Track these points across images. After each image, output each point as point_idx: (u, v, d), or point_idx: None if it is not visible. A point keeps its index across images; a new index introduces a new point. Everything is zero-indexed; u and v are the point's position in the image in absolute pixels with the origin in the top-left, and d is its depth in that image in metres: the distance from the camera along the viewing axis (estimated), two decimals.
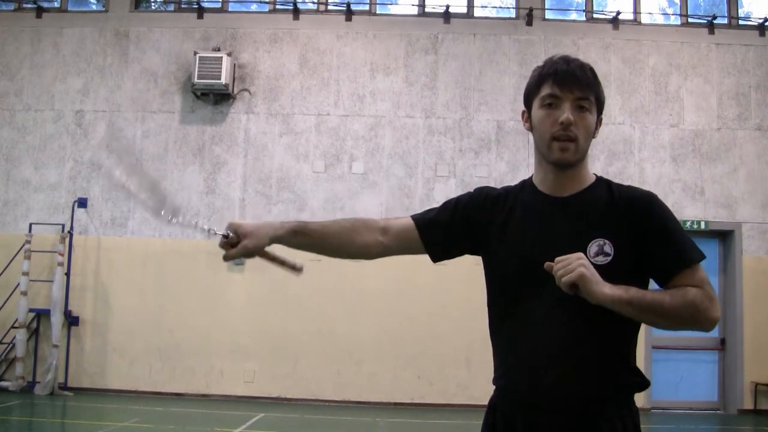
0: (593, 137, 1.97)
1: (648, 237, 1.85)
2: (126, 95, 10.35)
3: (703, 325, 1.82)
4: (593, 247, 1.84)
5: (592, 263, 1.79)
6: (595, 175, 2.01)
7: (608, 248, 1.84)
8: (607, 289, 1.75)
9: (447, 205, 2.10)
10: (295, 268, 2.12)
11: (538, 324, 1.88)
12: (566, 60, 1.95)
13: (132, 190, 2.05)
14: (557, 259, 1.77)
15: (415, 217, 2.10)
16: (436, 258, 2.11)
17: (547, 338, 1.87)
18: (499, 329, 2.00)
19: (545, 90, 1.92)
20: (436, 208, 2.12)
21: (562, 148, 1.89)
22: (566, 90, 1.90)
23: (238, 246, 2.03)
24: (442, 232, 2.06)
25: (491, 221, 2.01)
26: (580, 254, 1.78)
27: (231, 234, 2.05)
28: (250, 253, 2.05)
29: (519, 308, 1.93)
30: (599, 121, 1.98)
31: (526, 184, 2.04)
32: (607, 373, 1.86)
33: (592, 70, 1.96)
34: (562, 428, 1.84)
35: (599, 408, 1.84)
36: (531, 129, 1.98)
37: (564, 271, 1.75)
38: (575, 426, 1.83)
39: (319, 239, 2.12)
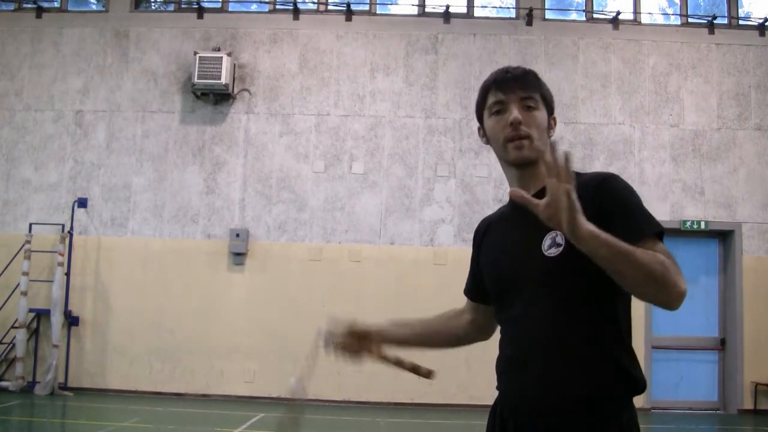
0: (550, 135, 1.98)
1: (601, 216, 1.76)
2: (126, 95, 10.35)
3: (670, 293, 1.67)
4: (547, 241, 1.83)
5: (545, 256, 1.81)
6: None
7: (560, 239, 1.81)
8: (587, 224, 1.63)
9: (471, 259, 2.21)
10: (426, 373, 2.19)
11: (518, 328, 1.91)
12: (505, 69, 2.00)
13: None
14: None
15: (465, 291, 2.25)
16: (490, 303, 2.20)
17: (527, 341, 1.88)
18: (499, 334, 2.06)
19: (491, 98, 1.97)
20: (469, 270, 2.24)
21: (517, 147, 1.92)
22: (509, 92, 1.94)
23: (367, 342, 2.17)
24: (473, 282, 2.19)
25: (481, 246, 2.13)
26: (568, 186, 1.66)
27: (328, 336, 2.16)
28: (352, 329, 2.17)
29: (503, 314, 1.99)
30: (553, 120, 2.01)
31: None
32: (592, 376, 1.80)
33: (534, 74, 1.99)
34: (545, 430, 1.82)
35: (585, 411, 1.79)
36: (488, 142, 2.03)
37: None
38: (561, 429, 1.80)
39: (420, 328, 2.27)
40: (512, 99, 1.93)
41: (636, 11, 10.62)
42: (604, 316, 1.82)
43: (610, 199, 1.81)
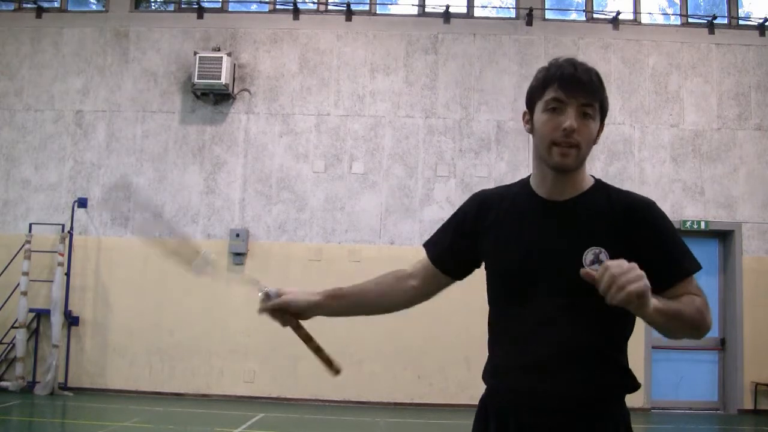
0: (594, 143, 1.95)
1: (646, 246, 1.84)
2: (126, 95, 10.35)
3: (702, 331, 1.83)
4: (589, 255, 1.82)
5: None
6: (593, 177, 2.00)
7: (603, 256, 1.81)
8: (652, 303, 1.68)
9: (448, 224, 2.14)
10: (332, 367, 2.13)
11: (531, 326, 1.90)
12: (573, 64, 1.91)
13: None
14: (607, 264, 1.61)
15: (427, 249, 2.16)
16: (458, 277, 2.16)
17: (539, 340, 1.88)
18: (495, 330, 2.02)
19: (550, 94, 1.88)
20: (440, 230, 2.16)
21: (563, 154, 1.86)
22: (571, 96, 1.85)
23: (277, 301, 2.10)
24: (450, 254, 2.10)
25: (485, 226, 2.03)
26: (634, 264, 1.62)
27: (271, 292, 2.12)
28: (285, 309, 2.11)
29: (514, 311, 1.94)
30: (601, 128, 1.96)
31: (524, 185, 2.03)
32: (599, 375, 1.86)
33: (598, 75, 1.91)
34: (554, 429, 1.84)
35: (591, 409, 1.85)
36: (531, 131, 1.96)
37: (626, 280, 1.58)
38: (567, 427, 1.84)
39: (356, 299, 2.18)
40: (572, 103, 1.86)
41: (636, 11, 10.62)
42: (618, 323, 1.85)
43: (655, 235, 1.87)
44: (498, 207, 2.03)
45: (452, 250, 2.10)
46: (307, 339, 2.12)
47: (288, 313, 2.11)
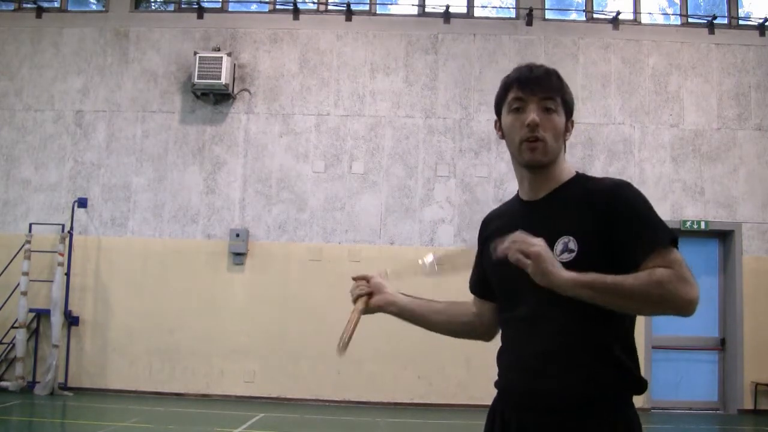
0: (565, 139, 1.98)
1: (614, 224, 1.82)
2: (126, 95, 10.35)
3: (676, 305, 1.71)
4: (559, 245, 1.84)
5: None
6: (577, 172, 2.01)
7: (572, 245, 1.83)
8: (564, 273, 1.72)
9: (475, 259, 2.24)
10: (343, 344, 2.21)
11: (525, 327, 1.92)
12: (530, 67, 1.99)
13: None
14: (513, 235, 1.78)
15: (470, 286, 2.28)
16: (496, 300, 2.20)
17: (534, 341, 1.89)
18: (500, 335, 2.08)
19: (511, 95, 1.97)
20: (473, 265, 2.27)
21: (531, 149, 1.92)
22: (530, 92, 1.93)
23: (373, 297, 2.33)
24: (481, 281, 2.19)
25: (485, 242, 2.11)
26: (541, 239, 1.76)
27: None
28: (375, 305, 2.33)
29: (508, 315, 2.00)
30: (571, 123, 1.99)
31: (515, 194, 2.11)
32: (597, 374, 1.84)
33: (557, 74, 1.97)
34: (552, 428, 1.84)
35: (591, 409, 1.83)
36: (503, 137, 2.03)
37: (520, 246, 1.75)
38: (566, 427, 1.83)
39: (427, 317, 2.34)
40: (532, 99, 1.92)
41: (636, 11, 10.62)
42: (611, 317, 1.83)
43: (622, 210, 1.83)
44: (496, 220, 2.12)
45: (478, 275, 2.20)
46: (356, 321, 2.27)
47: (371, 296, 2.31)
